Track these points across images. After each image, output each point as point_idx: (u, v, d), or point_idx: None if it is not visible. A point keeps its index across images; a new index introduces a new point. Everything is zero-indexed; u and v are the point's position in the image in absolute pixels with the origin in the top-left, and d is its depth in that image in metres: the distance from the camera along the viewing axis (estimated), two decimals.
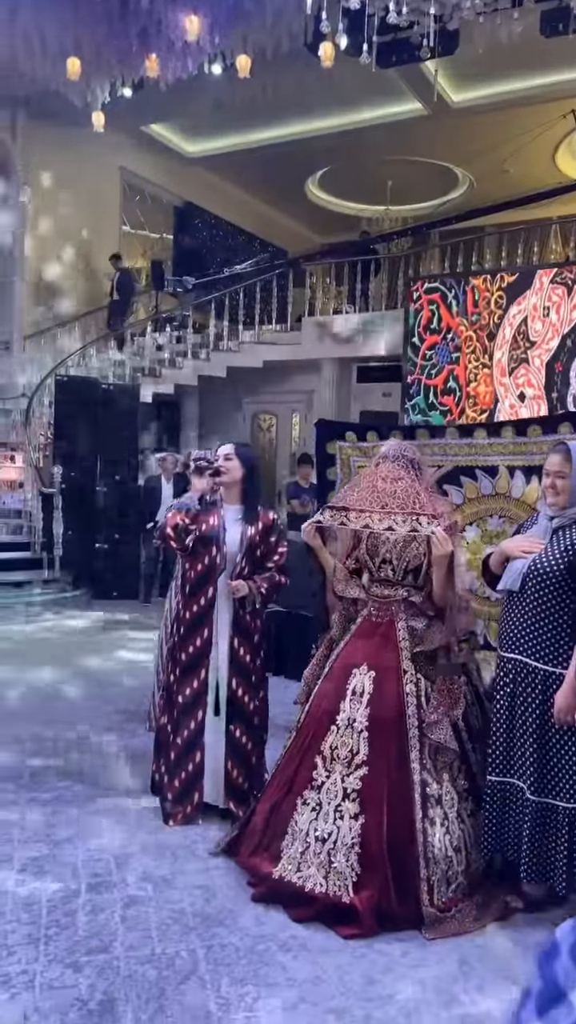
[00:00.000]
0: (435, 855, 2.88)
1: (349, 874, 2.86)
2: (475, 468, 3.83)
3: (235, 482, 3.66)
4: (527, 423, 3.98)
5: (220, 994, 2.44)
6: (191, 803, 3.56)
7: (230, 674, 3.57)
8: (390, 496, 3.04)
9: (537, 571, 2.84)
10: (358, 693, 3.05)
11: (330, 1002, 2.44)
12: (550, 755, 2.79)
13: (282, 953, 2.66)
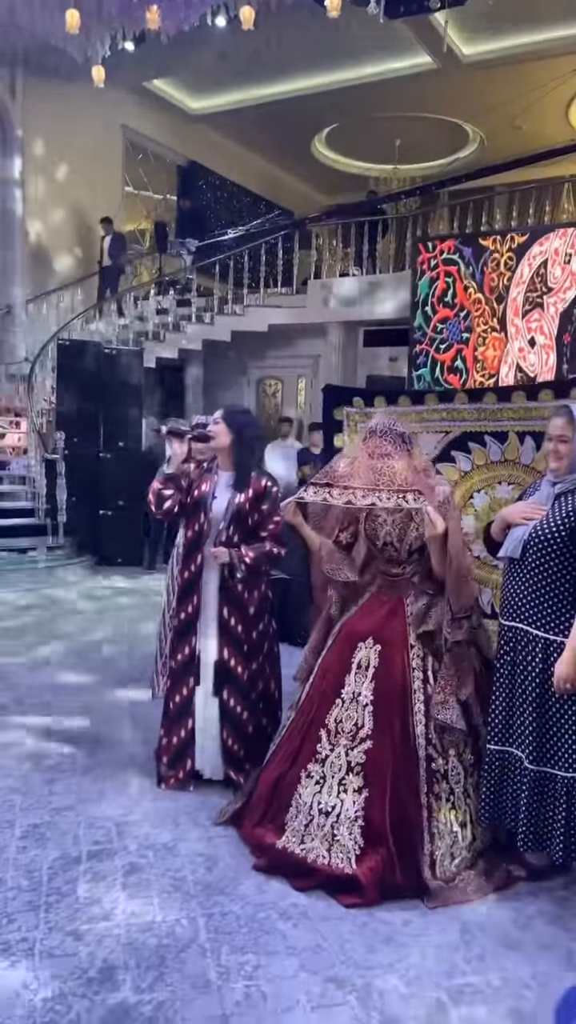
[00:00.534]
0: (440, 830, 2.88)
1: (352, 847, 2.86)
2: (484, 434, 3.75)
3: (223, 448, 3.59)
4: (538, 387, 3.90)
5: (220, 962, 2.45)
6: (183, 768, 3.57)
7: (220, 643, 3.53)
8: (376, 472, 2.98)
9: (538, 538, 2.79)
10: (363, 667, 3.03)
11: (330, 971, 2.44)
12: (549, 724, 2.77)
13: (283, 921, 2.67)
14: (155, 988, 2.32)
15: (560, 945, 2.63)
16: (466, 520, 3.74)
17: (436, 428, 3.82)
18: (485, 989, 2.41)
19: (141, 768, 3.77)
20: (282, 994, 2.33)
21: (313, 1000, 2.31)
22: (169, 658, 3.60)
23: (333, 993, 2.34)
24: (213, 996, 2.30)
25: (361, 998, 2.33)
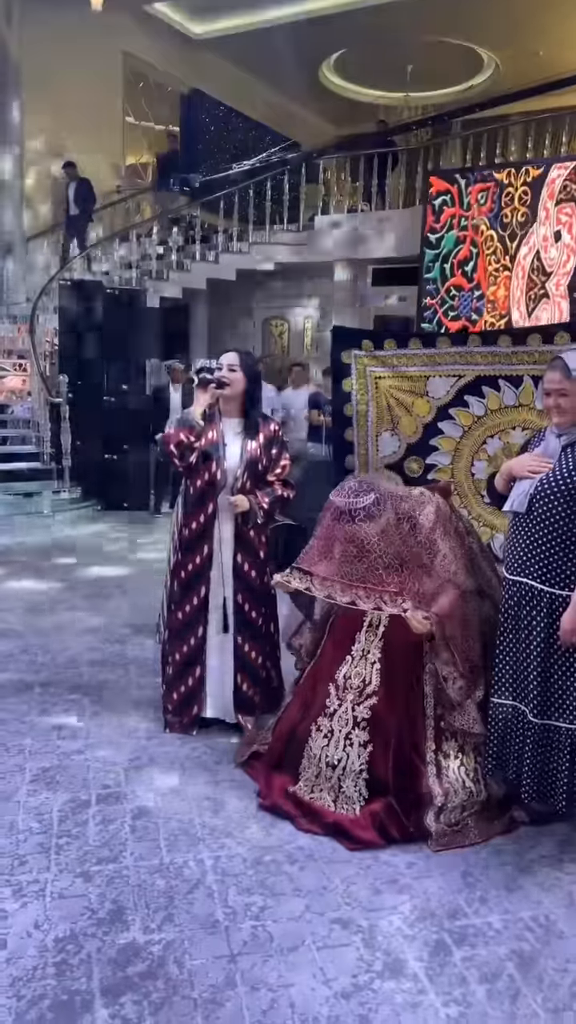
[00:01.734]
0: (452, 785, 2.95)
1: (357, 798, 2.95)
2: (498, 378, 3.70)
3: (237, 395, 3.55)
4: (554, 329, 3.83)
5: (227, 903, 2.51)
6: (188, 715, 3.62)
7: (235, 589, 3.56)
8: (352, 565, 2.97)
9: (545, 491, 2.75)
10: (374, 626, 3.09)
11: (335, 912, 2.50)
12: (554, 678, 2.78)
13: (289, 864, 2.72)
14: (164, 928, 2.39)
15: (561, 887, 2.68)
16: (479, 465, 3.75)
17: (449, 372, 3.77)
18: (487, 931, 2.46)
19: (148, 713, 3.82)
20: (288, 934, 2.39)
21: (319, 940, 2.37)
22: (176, 608, 3.61)
23: (338, 933, 2.41)
24: (220, 936, 2.37)
25: (366, 939, 2.39)
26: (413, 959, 2.33)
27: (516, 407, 3.68)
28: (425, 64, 12.68)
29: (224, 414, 3.59)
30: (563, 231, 8.39)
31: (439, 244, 9.50)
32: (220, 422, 3.57)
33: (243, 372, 3.54)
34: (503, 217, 9.07)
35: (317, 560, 3.04)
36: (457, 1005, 2.17)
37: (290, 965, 2.27)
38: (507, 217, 9.05)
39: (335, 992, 2.19)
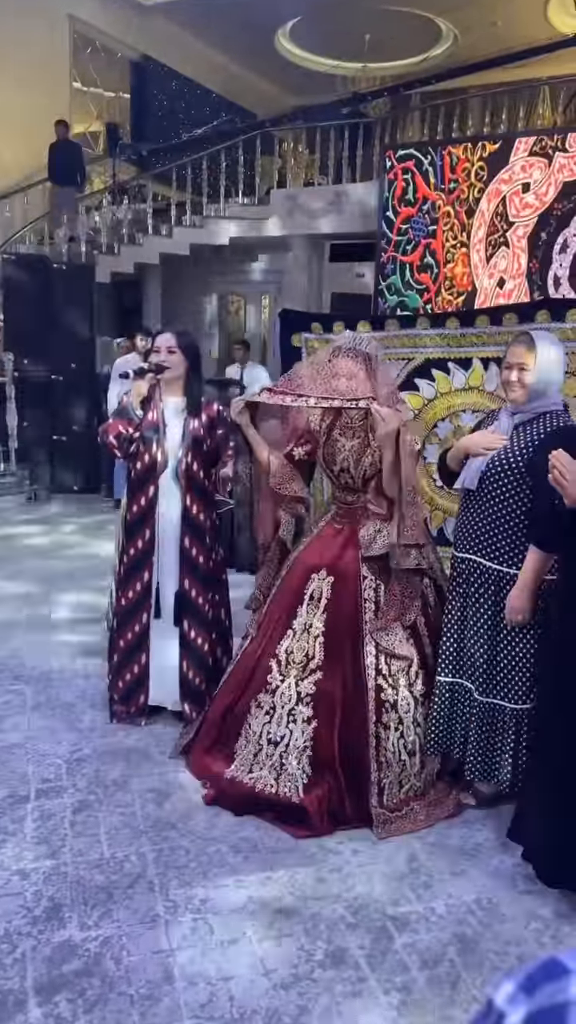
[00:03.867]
0: (388, 759, 2.96)
1: (300, 776, 2.94)
2: (447, 360, 3.74)
3: (178, 376, 3.53)
4: (502, 311, 3.87)
5: (168, 897, 2.51)
6: (135, 704, 3.61)
7: (181, 574, 3.54)
8: (334, 387, 2.96)
9: (496, 469, 2.79)
10: (316, 598, 3.07)
11: (279, 902, 2.52)
12: (499, 656, 2.83)
13: (233, 855, 2.73)
14: (101, 924, 2.38)
15: (505, 870, 2.74)
16: (430, 449, 3.78)
17: (398, 355, 3.79)
18: (430, 916, 2.50)
19: (92, 704, 3.80)
20: (229, 926, 2.40)
21: (260, 932, 2.39)
22: (122, 594, 3.59)
23: (280, 924, 2.42)
24: (160, 931, 2.37)
25: (307, 929, 2.41)
26: (355, 947, 2.35)
27: (466, 390, 3.72)
28: (383, 33, 12.58)
29: (165, 394, 3.56)
30: (531, 183, 8.39)
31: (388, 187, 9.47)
32: (160, 402, 3.54)
33: (182, 352, 3.51)
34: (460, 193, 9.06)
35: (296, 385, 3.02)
36: (398, 992, 2.21)
37: (230, 958, 2.28)
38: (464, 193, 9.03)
39: (275, 984, 2.21)
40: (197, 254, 11.45)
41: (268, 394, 3.04)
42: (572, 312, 3.44)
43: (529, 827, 2.67)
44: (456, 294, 8.93)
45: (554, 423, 2.77)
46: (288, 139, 12.03)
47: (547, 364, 2.75)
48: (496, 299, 8.46)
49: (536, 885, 2.63)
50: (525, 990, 0.48)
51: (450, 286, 9.00)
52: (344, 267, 11.52)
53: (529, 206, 8.35)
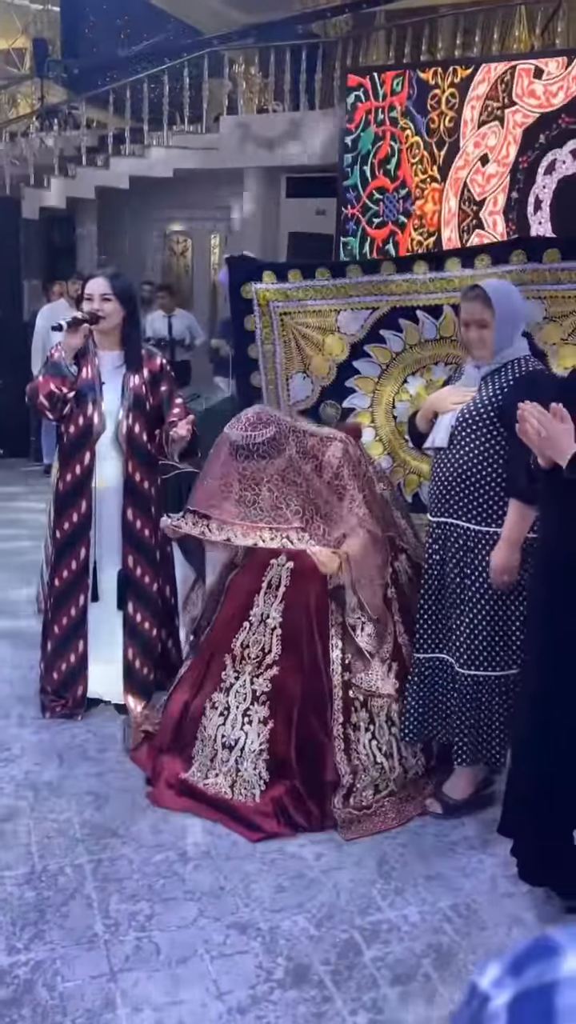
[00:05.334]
0: (363, 762, 2.94)
1: (256, 781, 2.91)
2: (415, 309, 3.67)
3: (114, 326, 3.39)
4: (474, 252, 3.80)
5: (108, 914, 2.45)
6: (71, 697, 3.52)
7: (125, 551, 3.45)
8: (252, 507, 2.95)
9: (466, 422, 2.80)
10: (274, 586, 3.04)
11: (232, 916, 2.47)
12: (481, 625, 2.80)
13: (182, 864, 2.68)
14: (32, 947, 2.31)
15: (484, 872, 2.72)
16: (401, 407, 3.74)
17: (361, 304, 3.72)
18: (402, 925, 2.47)
19: (21, 698, 3.69)
20: (178, 944, 2.35)
21: (213, 949, 2.34)
22: (55, 574, 3.47)
23: (235, 940, 2.38)
24: (99, 951, 2.31)
25: (266, 944, 2.37)
26: (319, 963, 2.31)
27: (437, 340, 3.66)
28: None
29: (99, 347, 3.41)
30: (489, 155, 8.31)
31: (356, 145, 9.30)
32: (95, 357, 3.39)
33: (117, 299, 3.38)
34: (429, 123, 8.91)
35: (211, 501, 2.99)
36: (367, 1011, 2.17)
37: (179, 979, 2.23)
38: (434, 122, 8.88)
39: (229, 1007, 2.16)
40: (137, 187, 11.17)
41: (193, 520, 3.02)
42: (550, 252, 3.38)
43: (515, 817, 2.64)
44: (426, 234, 8.82)
45: (522, 368, 2.80)
46: (239, 60, 11.74)
47: (508, 316, 2.78)
48: None
49: (518, 887, 2.61)
50: (512, 972, 0.48)
51: (419, 225, 8.88)
52: (303, 203, 11.33)
53: (494, 176, 8.24)
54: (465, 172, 8.51)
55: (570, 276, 3.30)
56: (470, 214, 8.43)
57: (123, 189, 11.12)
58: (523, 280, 3.28)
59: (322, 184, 10.63)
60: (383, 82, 9.08)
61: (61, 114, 11.61)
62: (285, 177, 11.43)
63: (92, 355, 3.40)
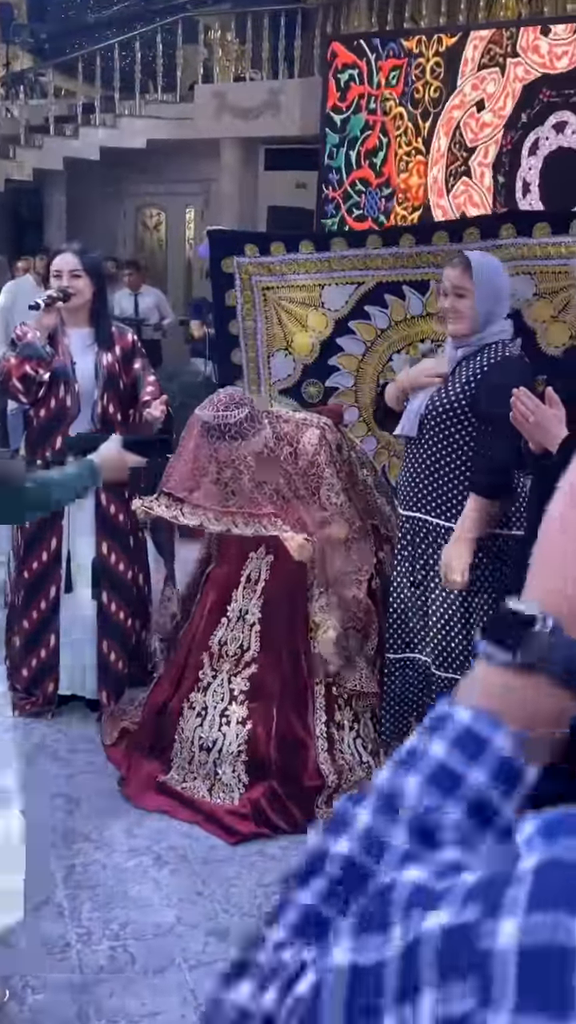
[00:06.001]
0: (348, 761, 2.93)
1: (235, 785, 2.90)
2: (402, 284, 3.66)
3: (84, 303, 3.37)
4: (462, 225, 3.81)
5: (80, 923, 2.43)
6: (42, 694, 3.49)
7: (99, 538, 3.42)
8: (223, 490, 2.92)
9: (436, 411, 2.74)
10: (253, 580, 3.02)
11: (211, 922, 2.46)
12: (455, 624, 2.77)
13: (157, 868, 2.66)
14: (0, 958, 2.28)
15: None
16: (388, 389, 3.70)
17: (345, 279, 3.70)
18: None
19: None
20: (154, 953, 2.33)
21: (191, 958, 2.32)
22: (23, 565, 3.42)
23: (215, 947, 2.36)
24: (72, 962, 2.29)
25: None
26: None
27: (423, 316, 3.65)
28: None
29: (68, 325, 3.37)
30: (486, 102, 8.25)
31: (344, 127, 9.25)
32: (64, 336, 3.34)
33: (88, 276, 3.35)
34: (414, 92, 8.85)
35: (186, 484, 2.97)
36: None
37: (156, 990, 2.21)
38: (418, 92, 8.83)
39: None
40: (109, 159, 11.09)
41: (166, 503, 2.97)
42: (539, 226, 3.37)
43: None
44: (411, 209, 8.78)
45: (498, 355, 2.71)
46: (215, 26, 11.65)
47: (489, 292, 2.70)
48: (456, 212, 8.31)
49: None
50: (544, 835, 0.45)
51: (404, 200, 8.83)
52: (282, 176, 11.29)
53: (488, 125, 8.18)
54: (459, 113, 8.45)
55: (560, 251, 3.30)
56: (459, 158, 8.34)
57: (93, 161, 11.04)
58: (513, 255, 3.28)
59: (302, 156, 10.58)
60: (379, 69, 8.99)
61: (28, 82, 11.52)
62: (263, 149, 11.39)
63: (62, 335, 3.35)
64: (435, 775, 0.55)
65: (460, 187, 8.32)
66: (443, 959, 0.41)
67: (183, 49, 11.12)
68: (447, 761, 0.55)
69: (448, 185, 8.54)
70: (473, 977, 0.40)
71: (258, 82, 11.07)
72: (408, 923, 0.43)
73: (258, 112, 10.82)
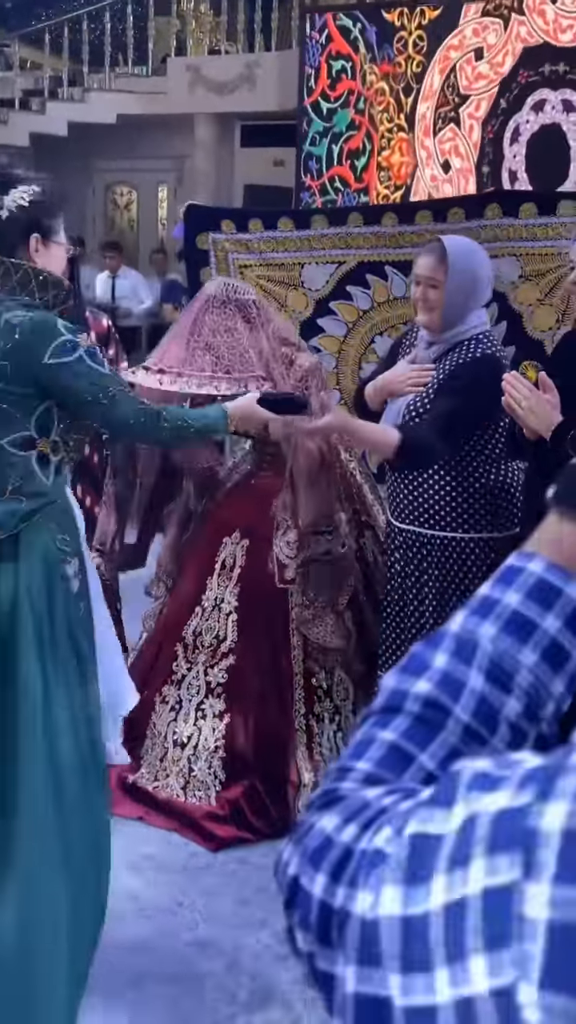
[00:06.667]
0: (324, 756, 2.91)
1: (212, 783, 2.88)
2: (384, 264, 3.68)
3: None
4: (447, 204, 3.84)
5: None
6: None
7: None
8: (215, 354, 2.83)
9: (416, 416, 2.64)
10: (228, 567, 3.00)
11: (190, 933, 2.45)
12: None
13: (131, 877, 2.64)
14: None
15: None
16: (368, 368, 3.68)
17: (326, 258, 3.71)
18: None
19: None
20: (127, 968, 2.31)
21: (168, 972, 2.31)
22: None
23: (195, 960, 2.34)
24: None
25: (228, 963, 2.35)
26: (287, 983, 2.29)
27: (406, 298, 3.61)
28: None
29: None
30: (485, 51, 8.20)
31: (331, 118, 9.23)
32: None
33: None
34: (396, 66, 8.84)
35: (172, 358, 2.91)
36: None
37: (134, 1005, 2.20)
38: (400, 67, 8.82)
39: None
40: (77, 135, 11.03)
41: (143, 374, 2.87)
42: (526, 207, 3.40)
43: None
44: (393, 188, 8.76)
45: (473, 352, 2.63)
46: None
47: (463, 283, 2.60)
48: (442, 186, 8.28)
49: None
50: None
51: (387, 178, 8.81)
52: (259, 153, 11.27)
53: (483, 77, 8.14)
54: (456, 55, 8.41)
55: (547, 232, 3.31)
56: (451, 102, 8.28)
57: (61, 136, 10.98)
58: (498, 236, 3.31)
59: (280, 132, 10.54)
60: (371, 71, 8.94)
61: None
62: (239, 124, 11.40)
63: None
64: (510, 622, 0.62)
65: (448, 133, 8.27)
66: (494, 835, 0.47)
67: (155, 21, 11.07)
68: (521, 609, 0.62)
69: (436, 127, 8.50)
70: (519, 852, 0.46)
71: (233, 55, 11.06)
72: (468, 802, 0.49)
73: (234, 86, 10.79)
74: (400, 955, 0.48)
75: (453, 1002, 0.46)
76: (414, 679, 0.62)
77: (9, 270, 2.05)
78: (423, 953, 0.47)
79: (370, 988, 0.50)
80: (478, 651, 0.62)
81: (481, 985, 0.45)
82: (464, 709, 0.61)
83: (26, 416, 2.00)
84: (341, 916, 0.53)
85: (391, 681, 0.64)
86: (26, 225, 2.05)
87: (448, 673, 0.62)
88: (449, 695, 0.61)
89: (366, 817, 0.55)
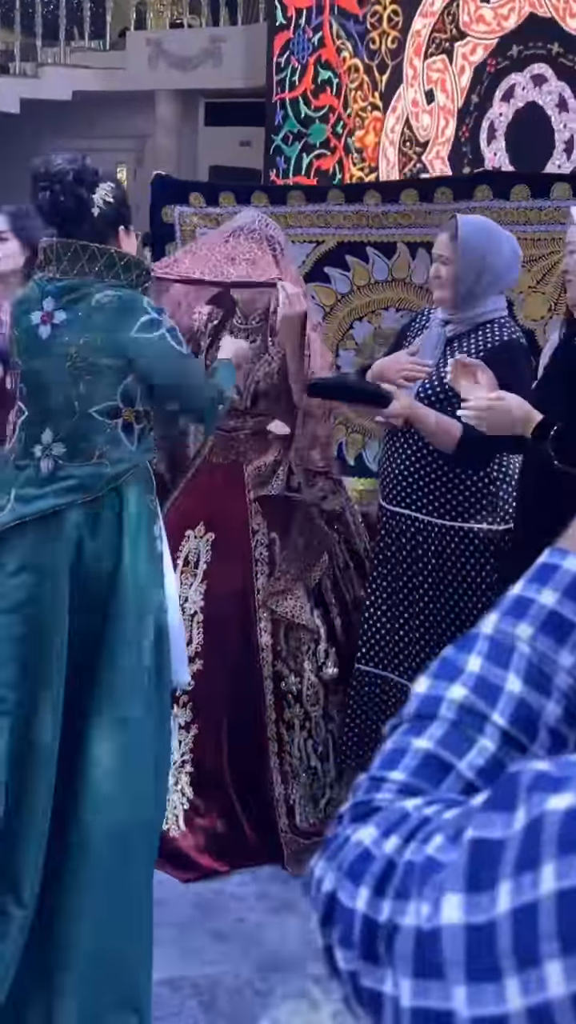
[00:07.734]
0: (294, 766, 2.90)
1: (179, 801, 2.84)
2: (365, 245, 3.71)
3: (15, 269, 3.28)
4: (434, 184, 3.92)
5: None
6: None
7: None
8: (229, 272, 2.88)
9: (425, 398, 2.71)
10: (191, 564, 2.99)
11: (163, 972, 2.36)
12: (438, 635, 2.75)
13: None
14: None
15: None
16: (345, 356, 3.77)
17: (303, 237, 3.73)
18: None
19: None
20: None
21: None
22: None
23: (167, 1000, 2.32)
24: None
25: (204, 1002, 2.34)
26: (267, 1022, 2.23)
27: (388, 282, 3.71)
28: None
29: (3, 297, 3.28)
30: (435, 90, 8.27)
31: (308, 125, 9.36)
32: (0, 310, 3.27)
33: (17, 238, 3.27)
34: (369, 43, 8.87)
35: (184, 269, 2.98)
36: None
37: None
38: (374, 43, 8.85)
39: None
40: (30, 112, 11.04)
41: None
42: (518, 188, 3.43)
43: None
44: (367, 170, 8.79)
45: (496, 337, 2.71)
46: None
47: (475, 260, 2.67)
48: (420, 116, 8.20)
49: None
50: None
51: (360, 159, 8.84)
52: (225, 132, 11.38)
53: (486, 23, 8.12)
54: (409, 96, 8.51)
55: (540, 216, 3.36)
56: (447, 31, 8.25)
57: (13, 114, 11.02)
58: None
59: (246, 111, 10.58)
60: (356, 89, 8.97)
61: None
62: (204, 102, 11.48)
63: None
64: (547, 623, 0.62)
65: (438, 63, 8.27)
66: (564, 836, 0.46)
67: None
68: (559, 609, 0.62)
69: (427, 51, 8.48)
70: None
71: (197, 29, 11.11)
72: (530, 804, 0.49)
73: (197, 62, 10.85)
74: (465, 965, 0.48)
75: (526, 1010, 0.46)
76: (448, 684, 0.62)
77: (94, 254, 2.30)
78: (490, 962, 0.47)
79: (429, 1001, 0.49)
80: (514, 654, 0.62)
81: (558, 991, 0.45)
82: (502, 714, 0.61)
83: (113, 387, 2.24)
84: (388, 930, 0.52)
85: (422, 687, 0.64)
86: (115, 219, 2.36)
87: (483, 677, 0.62)
88: (486, 700, 0.61)
89: (408, 828, 0.55)
